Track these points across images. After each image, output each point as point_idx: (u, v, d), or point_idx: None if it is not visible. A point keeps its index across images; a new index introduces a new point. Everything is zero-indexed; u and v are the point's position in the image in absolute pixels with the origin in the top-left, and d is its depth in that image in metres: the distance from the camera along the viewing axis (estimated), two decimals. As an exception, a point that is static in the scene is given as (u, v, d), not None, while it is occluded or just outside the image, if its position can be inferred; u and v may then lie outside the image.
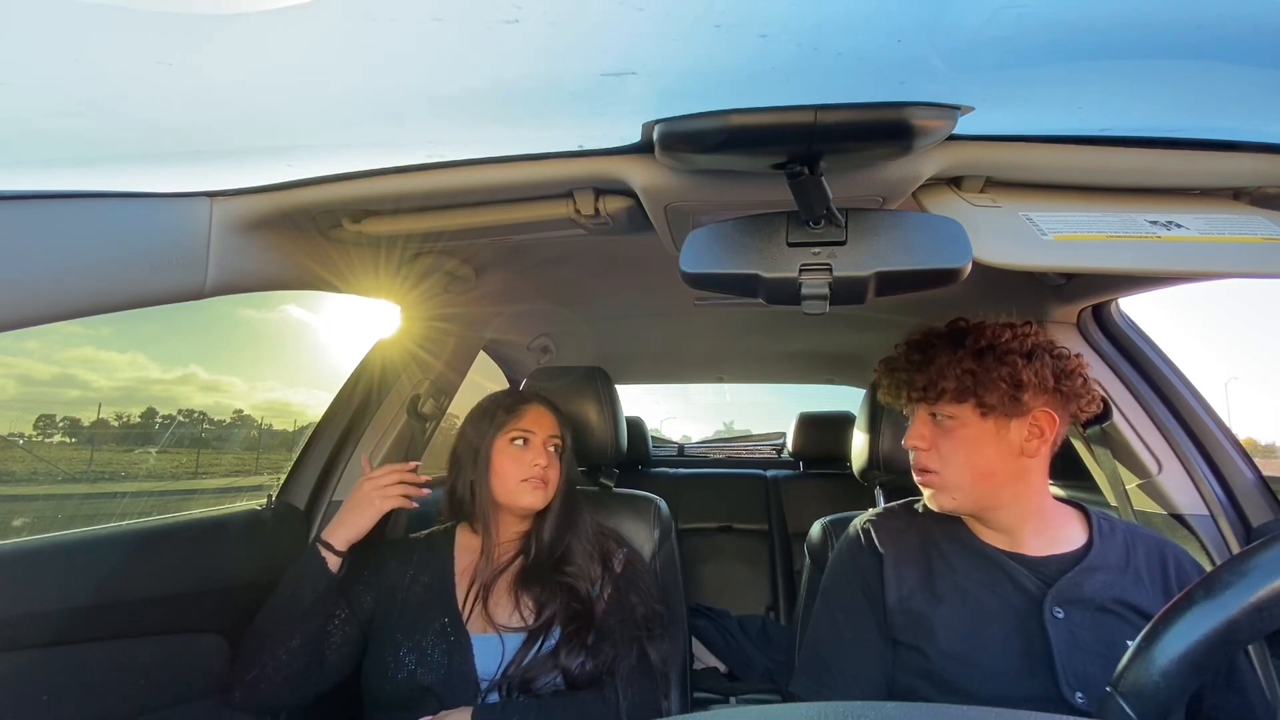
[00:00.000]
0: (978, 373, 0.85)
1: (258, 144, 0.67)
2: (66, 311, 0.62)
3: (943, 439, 0.89)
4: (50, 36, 0.45)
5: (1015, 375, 0.84)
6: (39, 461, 4.76)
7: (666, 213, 0.79)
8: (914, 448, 0.92)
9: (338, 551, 1.01)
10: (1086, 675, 0.77)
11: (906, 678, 0.88)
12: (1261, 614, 0.46)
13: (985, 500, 0.88)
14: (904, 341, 0.96)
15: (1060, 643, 0.79)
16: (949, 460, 0.88)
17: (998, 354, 0.86)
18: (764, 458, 2.92)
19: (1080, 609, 0.81)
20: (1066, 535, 0.89)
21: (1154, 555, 0.87)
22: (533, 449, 1.12)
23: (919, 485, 0.94)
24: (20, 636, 0.83)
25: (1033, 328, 0.90)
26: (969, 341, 0.88)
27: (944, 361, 0.87)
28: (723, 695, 1.74)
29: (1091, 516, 0.91)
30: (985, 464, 0.87)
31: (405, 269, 1.07)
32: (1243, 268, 0.62)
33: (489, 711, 0.93)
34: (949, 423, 0.89)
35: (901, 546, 0.94)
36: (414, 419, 1.43)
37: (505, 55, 0.48)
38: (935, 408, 0.90)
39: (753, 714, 0.50)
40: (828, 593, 1.00)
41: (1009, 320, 0.90)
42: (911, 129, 0.57)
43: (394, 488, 1.06)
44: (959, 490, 0.88)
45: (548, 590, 1.05)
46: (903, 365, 0.93)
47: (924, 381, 0.89)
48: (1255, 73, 0.50)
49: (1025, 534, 0.89)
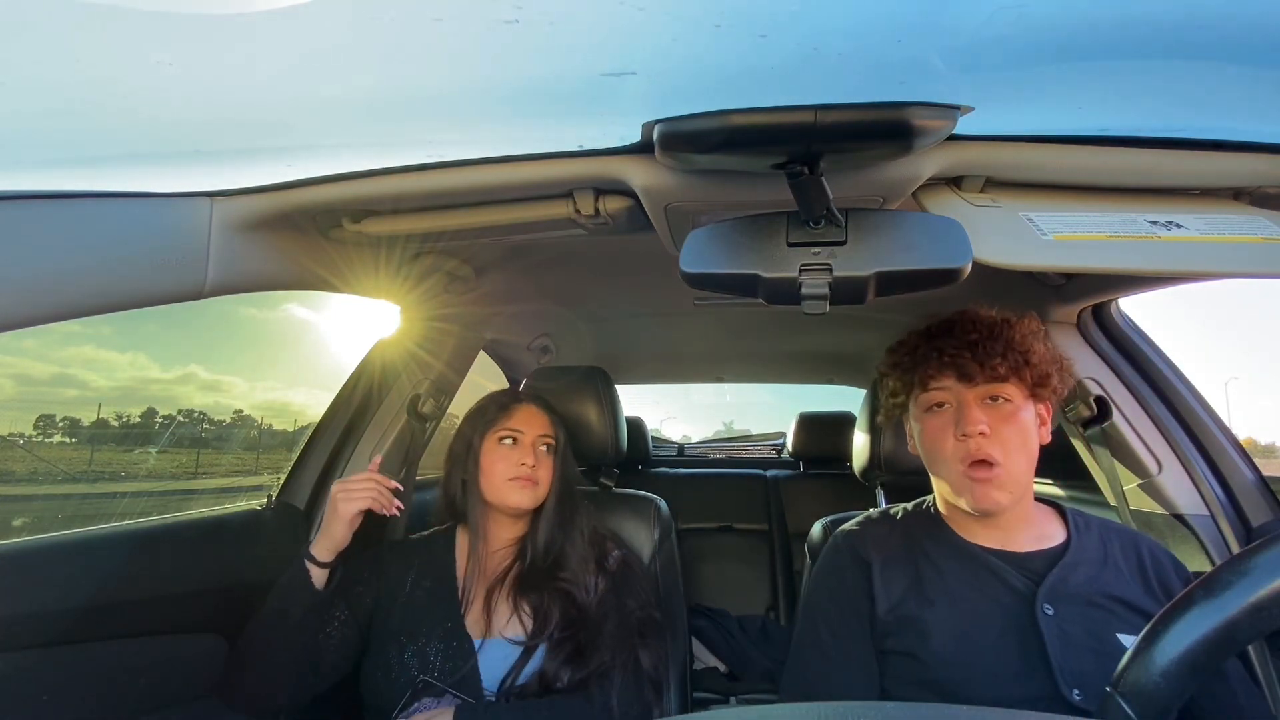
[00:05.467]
0: (1031, 356, 0.83)
1: (258, 144, 0.67)
2: (66, 311, 0.62)
3: (1002, 425, 0.82)
4: (50, 36, 0.45)
5: (1053, 357, 0.84)
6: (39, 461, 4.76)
7: (666, 213, 0.79)
8: (979, 435, 0.81)
9: (322, 564, 0.98)
10: (1081, 671, 0.77)
11: (902, 688, 0.85)
12: (1261, 614, 0.46)
13: (1025, 493, 0.84)
14: (936, 324, 0.90)
15: (1053, 640, 0.78)
16: (1010, 449, 0.82)
17: (1035, 336, 0.85)
18: (764, 458, 2.92)
19: (1068, 605, 0.81)
20: (1048, 532, 0.89)
21: (1129, 548, 0.88)
22: (521, 448, 1.12)
23: (971, 482, 0.83)
24: (20, 636, 0.83)
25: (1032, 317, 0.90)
26: (1002, 327, 0.86)
27: (1003, 344, 0.83)
28: (723, 695, 1.73)
29: (1067, 513, 0.92)
30: (1033, 450, 0.84)
31: (405, 269, 1.07)
32: (1243, 268, 0.62)
33: (472, 711, 0.93)
34: (1006, 406, 0.83)
35: (887, 552, 0.92)
36: (414, 419, 1.43)
37: (505, 55, 0.48)
38: (996, 389, 0.83)
39: (752, 714, 0.50)
40: (811, 609, 0.97)
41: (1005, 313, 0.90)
42: (911, 129, 0.57)
43: (359, 489, 1.01)
44: (1016, 484, 0.83)
45: (546, 597, 1.04)
46: (953, 345, 0.85)
47: (993, 362, 0.82)
48: (1255, 73, 0.50)
49: (1017, 530, 0.88)
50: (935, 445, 0.88)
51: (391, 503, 1.04)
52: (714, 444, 3.27)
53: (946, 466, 0.86)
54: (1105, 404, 1.22)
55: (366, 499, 1.01)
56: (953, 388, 0.86)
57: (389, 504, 1.04)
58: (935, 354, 0.87)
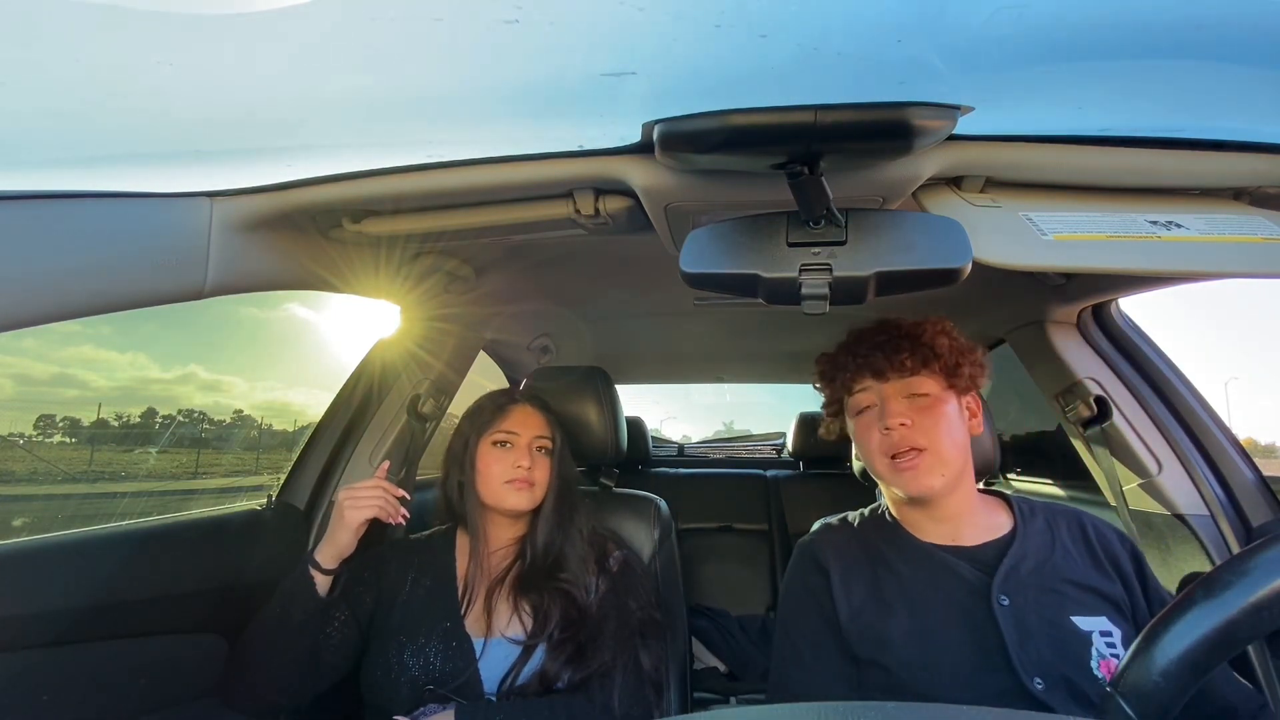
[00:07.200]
0: (938, 349, 0.89)
1: (258, 144, 0.67)
2: (66, 311, 0.62)
3: (922, 416, 0.88)
4: (50, 36, 0.45)
5: (960, 348, 0.91)
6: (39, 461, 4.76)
7: (666, 213, 0.79)
8: (899, 426, 0.87)
9: (326, 570, 0.98)
10: (1040, 659, 0.78)
11: (872, 696, 0.86)
12: (1261, 614, 0.46)
13: (960, 478, 0.89)
14: (852, 333, 0.97)
15: (1010, 631, 0.80)
16: (935, 436, 0.87)
17: (942, 333, 0.92)
18: (764, 458, 2.92)
19: (1022, 593, 0.83)
20: (995, 522, 0.92)
21: (1074, 527, 0.90)
22: (517, 450, 1.12)
23: (897, 471, 0.88)
24: (21, 636, 0.83)
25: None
26: (910, 327, 0.92)
27: (910, 341, 0.90)
28: (723, 695, 1.74)
29: (1012, 502, 0.94)
30: (961, 438, 0.90)
31: (405, 269, 1.07)
32: (1243, 268, 0.62)
33: (473, 711, 0.93)
34: (924, 400, 0.89)
35: (846, 559, 0.94)
36: (414, 419, 1.43)
37: (505, 55, 0.48)
38: (912, 384, 0.90)
39: (752, 714, 0.50)
40: (784, 620, 0.99)
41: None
42: (911, 129, 0.57)
43: (366, 498, 1.01)
44: (947, 466, 0.87)
45: (546, 597, 1.04)
46: (865, 349, 0.92)
47: (900, 358, 0.89)
48: (1255, 73, 0.50)
49: (965, 523, 0.91)
50: (864, 443, 0.93)
51: (398, 510, 1.04)
52: (714, 444, 3.27)
53: (877, 460, 0.91)
54: (1105, 404, 1.23)
55: (373, 507, 1.01)
56: (873, 387, 0.92)
57: (395, 512, 1.04)
58: (851, 358, 0.93)
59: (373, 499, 1.01)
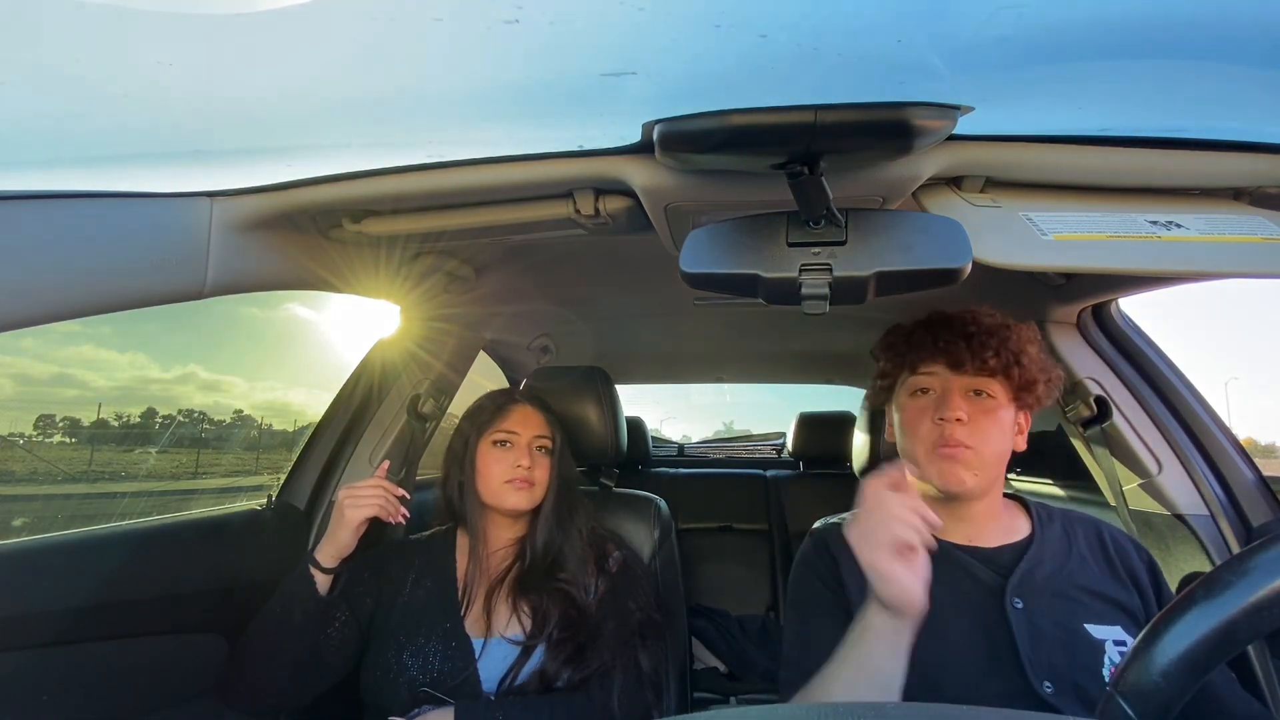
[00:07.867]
0: (1024, 359, 0.86)
1: (258, 144, 0.67)
2: (66, 311, 0.62)
3: (980, 417, 0.86)
4: (50, 36, 0.45)
5: (1044, 366, 0.88)
6: (39, 461, 4.76)
7: (666, 213, 0.79)
8: (956, 421, 0.84)
9: (326, 570, 0.99)
10: (1051, 664, 0.77)
11: None
12: (1261, 614, 0.46)
13: (992, 485, 0.88)
14: (937, 314, 0.92)
15: (1022, 633, 0.79)
16: (984, 438, 0.85)
17: (1032, 342, 0.88)
18: (764, 458, 2.91)
19: (1036, 597, 0.82)
20: (1014, 526, 0.91)
21: (1091, 535, 0.90)
22: (516, 450, 1.12)
23: (938, 457, 0.85)
24: (21, 636, 0.83)
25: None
26: (999, 327, 0.88)
27: (998, 340, 0.86)
28: (723, 695, 1.74)
29: (1031, 507, 0.93)
30: (1006, 448, 0.87)
31: (405, 269, 1.07)
32: (1243, 268, 0.62)
33: (473, 710, 0.93)
34: (987, 402, 0.87)
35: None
36: (414, 419, 1.43)
37: (505, 55, 0.48)
38: (982, 382, 0.87)
39: (752, 714, 0.50)
40: (795, 606, 0.98)
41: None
42: (911, 129, 0.57)
43: (366, 497, 1.01)
44: (983, 470, 0.85)
45: (546, 597, 1.04)
46: (949, 335, 0.88)
47: (985, 355, 0.85)
48: (1255, 73, 0.50)
49: (985, 525, 0.90)
50: (912, 426, 0.90)
51: (398, 510, 1.04)
52: (714, 444, 3.27)
53: (919, 445, 0.88)
54: (1105, 404, 1.23)
55: (374, 507, 1.01)
56: (940, 374, 0.88)
57: (395, 512, 1.04)
58: (930, 340, 0.89)
59: (373, 498, 1.01)
